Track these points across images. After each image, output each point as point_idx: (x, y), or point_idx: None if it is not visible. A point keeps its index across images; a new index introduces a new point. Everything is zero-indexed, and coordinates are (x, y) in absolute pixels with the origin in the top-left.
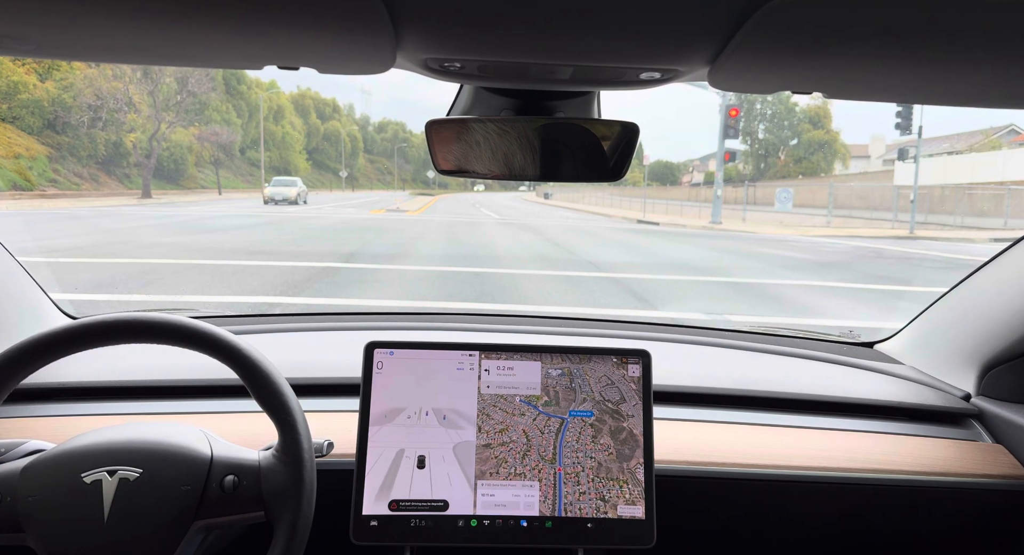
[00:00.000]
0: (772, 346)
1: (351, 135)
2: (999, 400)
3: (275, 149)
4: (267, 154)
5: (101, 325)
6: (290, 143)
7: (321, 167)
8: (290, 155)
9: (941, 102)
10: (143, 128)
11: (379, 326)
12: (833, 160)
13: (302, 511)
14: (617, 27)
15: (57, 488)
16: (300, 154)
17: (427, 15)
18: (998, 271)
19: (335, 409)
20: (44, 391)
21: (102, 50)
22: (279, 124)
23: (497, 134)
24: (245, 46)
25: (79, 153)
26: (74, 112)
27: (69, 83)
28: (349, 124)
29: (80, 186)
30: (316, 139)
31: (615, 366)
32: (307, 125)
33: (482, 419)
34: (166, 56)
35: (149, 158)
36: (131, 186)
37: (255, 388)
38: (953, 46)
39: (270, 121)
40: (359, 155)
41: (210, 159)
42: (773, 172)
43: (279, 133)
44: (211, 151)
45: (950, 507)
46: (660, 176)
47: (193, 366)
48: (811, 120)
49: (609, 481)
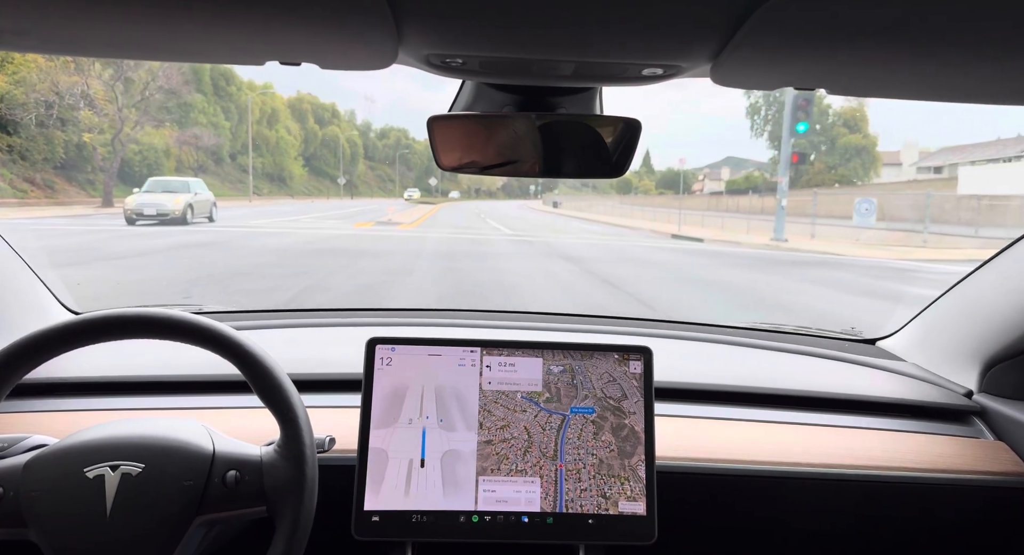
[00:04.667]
0: (774, 343)
1: (351, 141)
2: (1001, 397)
3: (268, 155)
4: (260, 160)
5: (104, 321)
6: (284, 148)
7: (319, 174)
8: (284, 161)
9: (943, 98)
10: (104, 127)
11: (381, 322)
12: (872, 167)
13: (304, 506)
14: (619, 23)
15: (60, 483)
16: (296, 160)
17: (429, 10)
18: (1000, 268)
19: (337, 405)
20: (47, 386)
21: (104, 45)
22: (273, 128)
23: (499, 130)
24: (246, 42)
25: (32, 156)
26: (26, 109)
27: (21, 77)
28: (349, 130)
29: (27, 194)
30: (314, 145)
31: (617, 363)
32: (304, 130)
33: (483, 415)
34: (168, 51)
35: (111, 161)
36: (94, 193)
37: (257, 384)
38: (956, 41)
39: (263, 125)
40: (359, 161)
41: (193, 164)
42: (806, 180)
43: (273, 138)
44: (194, 156)
45: (952, 504)
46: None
47: (195, 362)
48: (846, 123)
49: (610, 478)
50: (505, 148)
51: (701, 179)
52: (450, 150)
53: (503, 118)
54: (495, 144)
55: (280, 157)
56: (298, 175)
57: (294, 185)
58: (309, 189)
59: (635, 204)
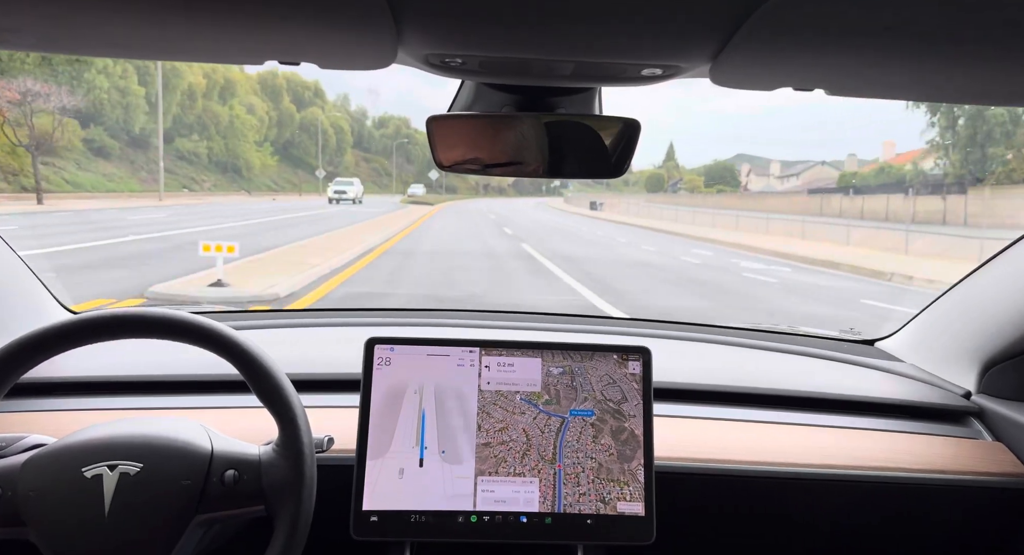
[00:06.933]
0: (773, 343)
1: (336, 126)
2: (1000, 398)
3: (218, 137)
4: (207, 144)
5: (102, 320)
6: (240, 130)
7: (297, 164)
8: (239, 146)
9: (943, 99)
10: None
11: (380, 322)
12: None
13: (302, 506)
14: (619, 23)
15: (58, 483)
16: (262, 147)
17: (428, 10)
18: (999, 269)
19: (335, 405)
20: (45, 385)
21: (102, 44)
22: (227, 104)
23: (498, 130)
24: (245, 41)
25: None
26: None
27: None
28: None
29: None
30: (290, 129)
31: (616, 364)
32: (278, 111)
33: (482, 417)
34: (166, 50)
35: None
36: None
37: (256, 383)
38: (955, 42)
39: (213, 99)
40: (346, 151)
41: (61, 142)
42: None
43: (225, 116)
44: (54, 125)
45: (950, 505)
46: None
47: (194, 361)
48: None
49: (610, 482)
50: (504, 148)
51: (747, 173)
52: (449, 149)
53: (502, 118)
54: (494, 144)
55: (235, 141)
56: (260, 165)
57: (254, 177)
58: (279, 182)
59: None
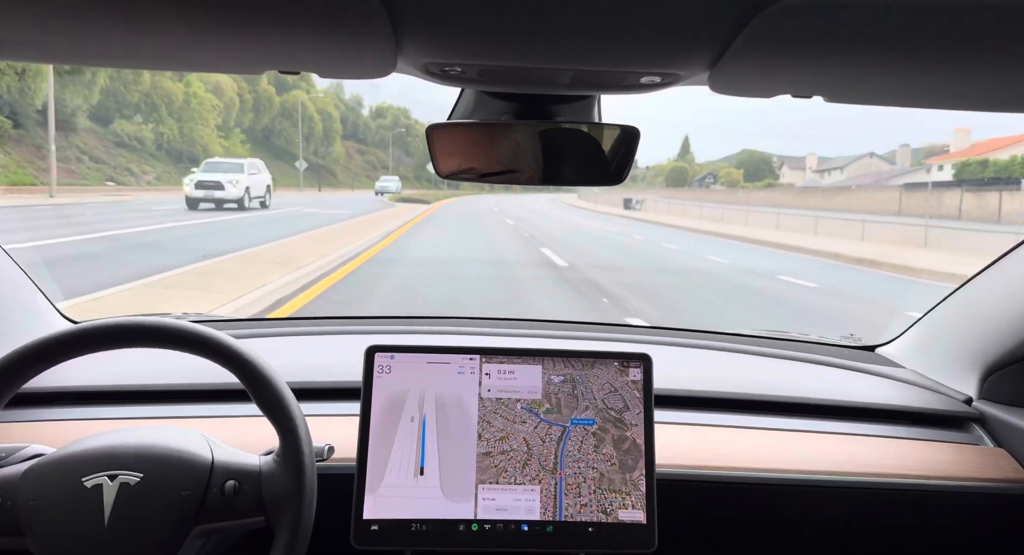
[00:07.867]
0: (773, 350)
1: (323, 112)
2: (1001, 404)
3: (171, 120)
4: (154, 127)
5: (102, 329)
6: (198, 112)
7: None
8: (197, 131)
9: (943, 106)
10: None
11: (380, 330)
12: None
13: (303, 516)
14: (617, 32)
15: (58, 492)
16: (234, 135)
17: (427, 20)
18: (999, 275)
19: (336, 413)
20: (45, 395)
21: (103, 55)
22: (181, 80)
23: (498, 138)
24: (246, 51)
25: None
26: None
27: None
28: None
29: None
30: (268, 115)
31: (618, 372)
32: (254, 93)
33: (483, 426)
34: (167, 61)
35: None
36: None
37: (256, 392)
38: (955, 50)
39: (164, 74)
40: (334, 141)
41: None
42: None
43: (179, 95)
44: None
45: (951, 511)
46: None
47: (194, 370)
48: None
49: (611, 493)
50: (504, 156)
51: (780, 166)
52: (449, 158)
53: (502, 126)
54: (494, 152)
55: (191, 125)
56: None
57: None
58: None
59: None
